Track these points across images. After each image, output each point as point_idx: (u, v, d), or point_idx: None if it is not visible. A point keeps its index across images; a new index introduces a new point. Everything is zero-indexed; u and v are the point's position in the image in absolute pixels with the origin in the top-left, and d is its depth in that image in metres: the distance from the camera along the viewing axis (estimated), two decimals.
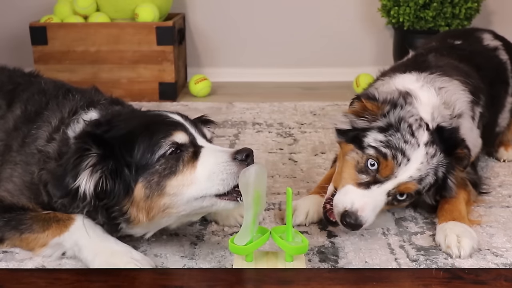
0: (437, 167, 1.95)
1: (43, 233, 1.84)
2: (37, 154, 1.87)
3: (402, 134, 1.92)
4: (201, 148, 1.77)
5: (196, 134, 1.81)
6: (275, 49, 4.38)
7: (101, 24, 3.88)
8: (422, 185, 1.94)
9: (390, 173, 1.90)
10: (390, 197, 1.93)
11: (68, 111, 1.96)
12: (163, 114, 1.86)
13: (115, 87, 3.79)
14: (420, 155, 1.91)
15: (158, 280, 1.69)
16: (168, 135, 1.74)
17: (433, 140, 1.94)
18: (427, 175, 1.93)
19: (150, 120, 1.83)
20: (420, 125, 1.95)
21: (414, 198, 1.99)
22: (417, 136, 1.92)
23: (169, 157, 1.73)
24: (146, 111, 2.01)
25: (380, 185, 1.91)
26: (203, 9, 4.36)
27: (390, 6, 3.86)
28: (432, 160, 1.93)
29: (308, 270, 1.76)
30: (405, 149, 1.91)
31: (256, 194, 1.70)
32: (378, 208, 1.92)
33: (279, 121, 3.35)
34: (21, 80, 2.33)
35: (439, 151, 1.94)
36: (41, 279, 1.69)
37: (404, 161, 1.90)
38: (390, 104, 1.98)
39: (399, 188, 1.92)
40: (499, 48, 2.64)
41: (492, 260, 1.85)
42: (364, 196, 1.90)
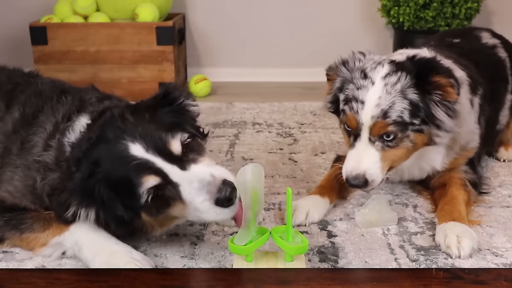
0: (403, 91, 1.93)
1: (43, 233, 1.84)
2: (36, 164, 1.86)
3: (354, 83, 2.00)
4: (178, 186, 1.67)
5: (165, 164, 1.66)
6: (275, 49, 4.38)
7: (101, 24, 3.88)
8: (394, 116, 1.92)
9: (356, 124, 1.97)
10: (377, 143, 1.96)
11: (62, 116, 1.94)
12: (124, 154, 1.68)
13: (115, 87, 3.78)
14: (375, 91, 1.94)
15: (158, 280, 1.69)
16: (140, 184, 1.65)
17: (395, 69, 1.96)
18: (393, 103, 1.92)
19: (116, 167, 1.69)
20: (379, 63, 2.00)
21: (405, 132, 1.95)
22: (371, 75, 1.97)
23: (155, 200, 1.68)
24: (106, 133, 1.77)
25: (359, 138, 1.97)
26: (203, 9, 4.36)
27: (390, 6, 3.86)
28: (395, 86, 1.93)
29: (308, 270, 1.76)
30: (357, 94, 1.97)
31: (254, 193, 1.70)
32: (374, 158, 1.95)
33: (279, 121, 3.35)
34: (20, 80, 2.32)
35: (404, 76, 1.94)
36: (41, 279, 1.69)
37: (360, 106, 1.95)
38: (342, 63, 2.08)
39: (374, 132, 1.95)
40: (497, 46, 2.64)
41: (492, 260, 1.85)
42: (353, 155, 1.98)
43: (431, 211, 2.18)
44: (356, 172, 1.95)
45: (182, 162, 1.69)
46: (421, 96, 1.94)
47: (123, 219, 1.73)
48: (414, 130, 1.96)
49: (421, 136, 1.99)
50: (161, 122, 1.76)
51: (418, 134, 1.98)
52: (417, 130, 1.97)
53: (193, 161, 1.71)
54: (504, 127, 2.66)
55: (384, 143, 1.96)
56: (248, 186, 1.70)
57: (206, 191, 1.65)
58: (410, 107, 1.93)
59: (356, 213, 2.04)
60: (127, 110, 1.80)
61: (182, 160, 1.69)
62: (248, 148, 2.90)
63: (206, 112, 3.52)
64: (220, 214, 1.67)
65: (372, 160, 1.95)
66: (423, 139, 2.00)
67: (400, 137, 1.96)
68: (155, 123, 1.74)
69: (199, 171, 1.68)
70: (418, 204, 2.25)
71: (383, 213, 2.04)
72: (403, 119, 1.93)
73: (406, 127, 1.95)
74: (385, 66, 1.99)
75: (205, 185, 1.65)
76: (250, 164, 1.71)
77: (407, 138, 1.97)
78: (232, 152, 2.85)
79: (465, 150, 2.24)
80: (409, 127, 1.95)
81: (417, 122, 1.96)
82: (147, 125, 1.72)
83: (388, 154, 1.98)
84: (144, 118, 1.75)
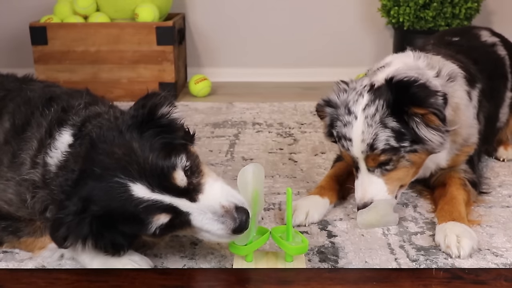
0: (382, 121, 1.95)
1: (41, 237, 1.85)
2: (25, 182, 1.82)
3: (340, 120, 2.05)
4: (189, 215, 1.61)
5: (174, 200, 1.58)
6: (275, 49, 4.38)
7: (101, 24, 3.88)
8: (381, 146, 1.95)
9: (351, 159, 2.05)
10: (376, 170, 2.01)
11: (45, 131, 1.85)
12: (127, 195, 1.57)
13: (115, 87, 3.79)
14: (359, 126, 1.98)
15: (158, 280, 1.69)
16: (150, 222, 1.58)
17: (374, 98, 1.98)
18: (376, 135, 1.96)
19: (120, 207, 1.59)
20: (360, 94, 2.01)
21: (398, 155, 1.97)
22: (354, 110, 2.00)
23: (163, 229, 1.61)
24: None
25: (359, 170, 2.04)
26: (203, 9, 4.36)
27: (390, 6, 3.86)
28: (375, 118, 1.96)
29: (308, 270, 1.76)
30: (345, 132, 2.02)
31: (255, 193, 1.70)
32: (378, 185, 2.01)
33: (279, 121, 3.35)
34: (13, 86, 2.26)
35: (381, 106, 1.96)
36: (41, 279, 1.70)
37: (349, 143, 2.01)
38: (325, 103, 2.12)
39: (369, 164, 2.00)
40: (497, 44, 2.65)
41: (492, 260, 1.85)
42: (359, 185, 2.05)
43: (431, 211, 2.18)
44: (363, 201, 2.02)
45: (189, 193, 1.62)
46: (401, 122, 1.96)
47: (122, 245, 1.69)
48: (407, 152, 1.98)
49: (416, 155, 2.01)
50: (153, 148, 1.62)
51: (413, 154, 2.00)
52: (410, 151, 1.98)
53: (199, 189, 1.64)
54: (503, 125, 2.66)
55: (382, 168, 2.01)
56: (249, 187, 1.70)
57: (222, 222, 1.61)
58: (393, 134, 1.96)
59: (358, 214, 2.05)
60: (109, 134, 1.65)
61: (189, 190, 1.62)
62: (248, 148, 2.90)
63: (206, 112, 3.52)
64: (233, 238, 1.67)
65: (376, 187, 2.02)
66: (420, 156, 2.02)
67: (396, 160, 1.99)
68: (148, 152, 1.60)
69: (210, 203, 1.62)
70: (418, 204, 2.25)
71: (385, 215, 2.04)
72: (391, 145, 1.96)
73: (398, 150, 1.98)
74: (365, 96, 2.01)
75: (219, 217, 1.61)
76: (251, 164, 1.72)
77: (403, 159, 2.00)
78: (232, 152, 2.85)
79: (466, 146, 2.24)
80: (401, 149, 1.98)
81: (406, 144, 1.98)
82: (140, 157, 1.59)
83: (390, 177, 2.03)
84: (132, 147, 1.61)
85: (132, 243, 1.72)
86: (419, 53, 2.19)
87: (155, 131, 1.67)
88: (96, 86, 3.28)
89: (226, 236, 1.64)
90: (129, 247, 1.73)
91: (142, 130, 1.65)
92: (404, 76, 1.99)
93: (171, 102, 1.77)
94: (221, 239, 1.68)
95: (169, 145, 1.65)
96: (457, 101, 2.08)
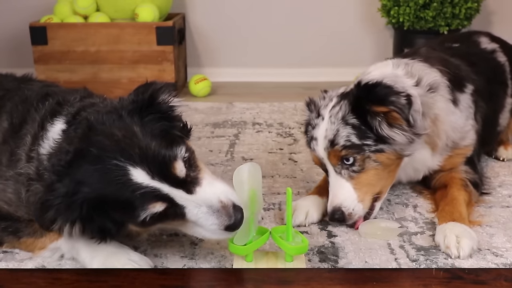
0: (344, 117, 1.99)
1: (41, 238, 1.85)
2: (21, 177, 1.81)
3: (311, 123, 2.11)
4: (184, 208, 1.60)
5: (171, 190, 1.57)
6: (275, 49, 4.38)
7: (101, 24, 3.88)
8: (341, 142, 1.98)
9: (318, 160, 2.09)
10: (343, 171, 2.01)
11: (37, 125, 1.84)
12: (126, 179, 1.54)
13: (115, 87, 3.79)
14: (324, 125, 2.03)
15: (158, 280, 1.69)
16: (144, 209, 1.55)
17: (340, 99, 2.04)
18: (337, 131, 1.99)
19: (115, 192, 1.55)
20: (331, 99, 2.08)
21: (362, 153, 1.97)
22: (322, 113, 2.06)
23: (153, 218, 1.58)
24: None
25: (328, 172, 2.06)
26: (203, 9, 4.36)
27: (390, 6, 3.86)
28: (337, 115, 2.01)
29: (308, 270, 1.76)
30: (313, 133, 2.07)
31: (252, 192, 1.70)
32: (346, 189, 2.00)
33: (279, 121, 3.35)
34: (11, 85, 2.26)
35: (345, 104, 2.01)
36: (41, 279, 1.70)
37: (315, 143, 2.06)
38: (306, 104, 2.17)
39: (333, 162, 2.02)
40: (496, 51, 2.65)
41: (492, 260, 1.85)
42: (330, 191, 2.04)
43: (431, 211, 2.18)
44: (332, 206, 2.01)
45: (186, 184, 1.61)
46: (361, 119, 1.98)
47: (110, 231, 1.65)
48: (373, 151, 1.98)
49: (384, 155, 1.99)
50: (154, 134, 1.61)
51: (380, 154, 1.99)
52: (375, 150, 1.98)
53: (196, 182, 1.64)
54: (504, 129, 2.67)
55: (349, 170, 2.00)
56: (245, 186, 1.70)
57: (216, 217, 1.61)
58: (354, 130, 1.98)
59: (361, 225, 2.04)
60: (108, 117, 1.63)
61: (186, 182, 1.61)
62: (248, 148, 2.90)
63: (206, 112, 3.52)
64: (224, 235, 1.66)
65: (345, 192, 2.01)
66: (388, 157, 2.00)
67: (360, 159, 1.98)
68: (148, 138, 1.59)
69: (206, 196, 1.62)
70: (418, 204, 2.25)
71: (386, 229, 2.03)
72: (352, 142, 1.98)
73: (360, 149, 1.98)
74: (334, 99, 2.06)
75: (215, 212, 1.61)
76: (247, 164, 1.72)
77: (369, 159, 1.99)
78: (232, 152, 2.85)
79: (459, 148, 2.23)
80: (364, 148, 1.98)
81: (370, 142, 1.98)
82: (141, 141, 1.57)
83: (359, 181, 2.00)
84: (133, 131, 1.60)
85: (119, 230, 1.67)
86: (399, 61, 2.20)
87: (155, 117, 1.65)
88: (96, 86, 3.28)
89: (218, 233, 1.63)
90: (116, 235, 1.68)
91: (143, 115, 1.64)
92: (371, 79, 2.01)
93: (172, 90, 1.76)
94: (213, 235, 1.65)
95: (169, 134, 1.64)
96: (436, 112, 2.08)
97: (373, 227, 2.02)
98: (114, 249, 1.79)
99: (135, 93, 1.72)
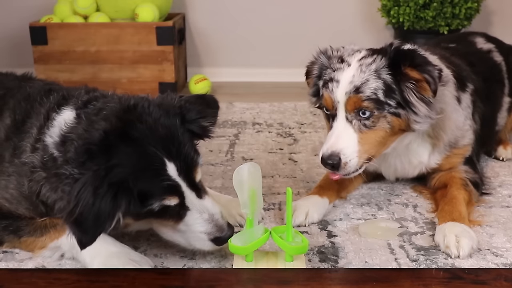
0: (377, 70, 1.96)
1: (41, 237, 1.85)
2: (25, 166, 1.83)
3: (331, 67, 2.05)
4: (187, 210, 1.69)
5: (187, 190, 1.67)
6: (275, 49, 4.38)
7: (101, 24, 3.88)
8: (367, 92, 1.94)
9: (332, 103, 2.01)
10: (355, 121, 1.97)
11: (43, 118, 1.88)
12: (160, 169, 1.62)
13: (115, 87, 3.78)
14: (350, 71, 1.99)
15: (158, 280, 1.69)
16: (160, 199, 1.63)
17: (372, 53, 2.01)
18: (367, 80, 1.95)
19: (144, 179, 1.61)
20: (357, 50, 2.05)
21: (381, 111, 1.96)
22: (348, 60, 2.02)
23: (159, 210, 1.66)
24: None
25: (336, 118, 2.00)
26: (203, 9, 4.36)
27: (390, 6, 3.86)
28: (370, 67, 1.97)
29: (308, 270, 1.76)
30: (334, 75, 2.01)
31: (252, 192, 1.71)
32: (351, 138, 1.96)
33: (279, 121, 3.35)
34: (12, 84, 2.27)
35: (379, 58, 1.98)
36: (41, 279, 1.70)
37: (335, 84, 1.99)
38: (321, 52, 2.13)
39: (349, 108, 1.97)
40: (492, 50, 2.67)
41: (492, 260, 1.85)
42: (330, 135, 2.00)
43: (431, 211, 2.18)
44: (331, 150, 1.96)
45: (198, 189, 1.72)
46: (395, 79, 1.96)
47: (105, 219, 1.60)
48: (391, 113, 1.97)
49: (398, 120, 1.99)
50: (187, 139, 1.72)
51: (395, 117, 1.98)
52: (393, 113, 1.97)
53: (204, 190, 1.76)
54: (502, 128, 2.67)
55: (361, 122, 1.97)
56: (244, 186, 1.70)
57: (211, 226, 1.71)
58: (384, 87, 1.96)
59: (361, 225, 2.04)
60: (155, 110, 1.71)
61: (198, 187, 1.72)
62: (248, 148, 2.90)
63: None
64: (208, 246, 1.74)
65: (349, 140, 1.97)
66: (400, 123, 1.99)
67: (377, 116, 1.96)
68: (184, 139, 1.71)
69: (212, 205, 1.73)
70: (418, 204, 2.25)
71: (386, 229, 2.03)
72: (377, 96, 1.95)
73: (382, 106, 1.96)
74: (363, 52, 2.04)
75: (214, 221, 1.71)
76: (247, 164, 1.72)
77: (384, 119, 1.97)
78: (232, 152, 2.85)
79: (457, 148, 2.24)
80: (385, 106, 1.96)
81: (392, 103, 1.96)
82: (179, 141, 1.69)
83: (365, 137, 1.98)
84: (173, 130, 1.70)
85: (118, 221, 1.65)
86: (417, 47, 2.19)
87: (186, 125, 1.76)
88: (96, 86, 3.25)
89: (204, 243, 1.72)
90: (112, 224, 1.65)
91: (184, 121, 1.75)
92: (406, 45, 2.01)
93: (212, 119, 1.85)
94: (197, 244, 1.74)
95: (193, 144, 1.77)
96: (443, 107, 2.08)
97: (373, 227, 2.02)
98: (114, 249, 1.79)
99: (186, 100, 1.82)
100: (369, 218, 2.14)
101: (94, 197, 1.53)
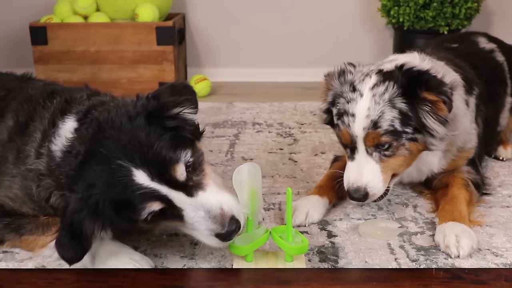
0: (391, 100, 1.94)
1: (42, 235, 1.85)
2: (31, 173, 1.84)
3: (344, 97, 2.01)
4: (182, 210, 1.64)
5: (170, 192, 1.61)
6: (275, 49, 4.38)
7: (101, 24, 3.88)
8: (385, 126, 1.93)
9: (350, 138, 1.99)
10: (375, 153, 1.97)
11: (48, 122, 1.88)
12: (127, 180, 1.59)
13: (115, 87, 3.79)
14: (364, 103, 1.95)
15: (158, 280, 1.69)
16: (143, 208, 1.60)
17: (383, 79, 1.97)
18: (382, 113, 1.93)
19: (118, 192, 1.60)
20: (367, 75, 2.01)
21: (399, 141, 1.96)
22: (360, 88, 1.98)
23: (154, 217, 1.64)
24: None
25: (357, 151, 1.99)
26: (203, 9, 4.36)
27: (390, 6, 3.86)
28: (383, 96, 1.94)
29: (308, 270, 1.76)
30: (348, 108, 1.98)
31: (252, 192, 1.71)
32: (374, 171, 1.98)
33: (279, 121, 3.35)
34: (13, 85, 2.27)
35: (392, 86, 1.95)
36: (41, 279, 1.70)
37: (351, 119, 1.97)
38: (338, 73, 2.09)
39: (369, 144, 1.96)
40: (495, 50, 2.66)
41: (492, 260, 1.85)
42: (353, 167, 2.00)
43: (431, 211, 2.18)
44: (357, 184, 1.98)
45: (187, 187, 1.64)
46: (410, 105, 1.94)
47: (127, 229, 1.73)
48: (408, 139, 1.97)
49: (415, 145, 1.99)
50: (160, 138, 1.64)
51: (413, 143, 1.98)
52: (411, 138, 1.97)
53: (199, 186, 1.67)
54: (504, 128, 2.67)
55: (381, 153, 1.98)
56: (244, 186, 1.70)
57: (211, 223, 1.64)
58: (400, 116, 1.94)
59: (361, 225, 2.04)
60: (117, 119, 1.67)
61: (187, 186, 1.64)
62: (248, 148, 2.90)
63: (206, 112, 3.52)
64: (216, 243, 1.68)
65: (373, 173, 1.99)
66: (418, 147, 2.01)
67: (396, 146, 1.97)
68: (153, 141, 1.63)
69: (207, 201, 1.65)
70: (418, 204, 2.25)
71: (386, 229, 2.03)
72: (394, 128, 1.95)
73: (400, 136, 1.96)
74: (373, 77, 2.00)
75: (212, 217, 1.64)
76: (247, 164, 1.72)
77: (403, 147, 1.98)
78: (232, 152, 2.85)
79: (463, 151, 2.24)
80: (403, 135, 1.96)
81: (409, 130, 1.96)
82: (145, 145, 1.61)
83: (387, 165, 2.00)
84: (139, 134, 1.63)
85: (134, 226, 1.70)
86: (423, 55, 2.18)
87: (162, 123, 1.68)
88: (96, 86, 3.25)
89: (211, 239, 1.66)
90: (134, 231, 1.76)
91: (150, 120, 1.66)
92: (414, 66, 1.99)
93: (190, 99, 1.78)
94: (207, 241, 1.69)
95: (178, 138, 1.68)
96: (455, 112, 2.07)
97: (373, 227, 2.02)
98: (115, 248, 1.79)
99: (148, 97, 1.75)
100: (369, 218, 2.14)
101: (71, 220, 1.61)
